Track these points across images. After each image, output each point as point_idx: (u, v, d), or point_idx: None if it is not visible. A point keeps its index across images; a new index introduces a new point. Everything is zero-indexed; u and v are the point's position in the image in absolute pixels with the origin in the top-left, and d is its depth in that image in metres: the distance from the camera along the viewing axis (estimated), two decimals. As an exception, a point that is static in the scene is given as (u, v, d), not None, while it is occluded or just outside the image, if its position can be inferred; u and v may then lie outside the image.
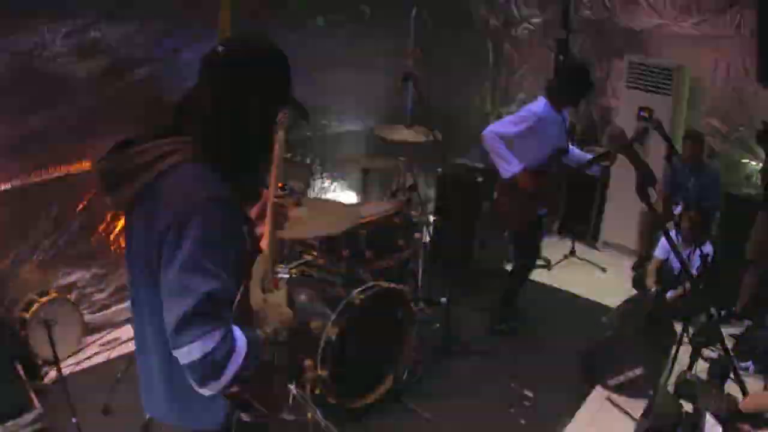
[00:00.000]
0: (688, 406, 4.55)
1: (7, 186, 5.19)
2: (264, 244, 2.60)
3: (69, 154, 5.41)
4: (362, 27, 7.55)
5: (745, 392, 3.98)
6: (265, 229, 2.62)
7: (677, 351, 4.92)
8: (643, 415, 4.74)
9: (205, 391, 2.14)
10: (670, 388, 4.94)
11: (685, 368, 4.94)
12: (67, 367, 5.26)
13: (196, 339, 2.05)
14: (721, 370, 5.00)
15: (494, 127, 5.85)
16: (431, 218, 7.38)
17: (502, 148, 5.77)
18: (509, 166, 5.76)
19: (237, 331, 2.18)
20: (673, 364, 4.95)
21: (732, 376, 4.58)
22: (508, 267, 7.35)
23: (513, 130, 5.78)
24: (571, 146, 6.18)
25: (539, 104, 5.83)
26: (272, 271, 2.57)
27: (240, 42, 2.46)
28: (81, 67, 5.37)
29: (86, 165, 5.43)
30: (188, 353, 2.06)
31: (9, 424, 4.36)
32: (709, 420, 3.95)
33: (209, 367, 2.08)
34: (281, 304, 2.55)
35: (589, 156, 6.10)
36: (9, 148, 5.14)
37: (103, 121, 5.38)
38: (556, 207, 6.52)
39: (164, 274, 2.14)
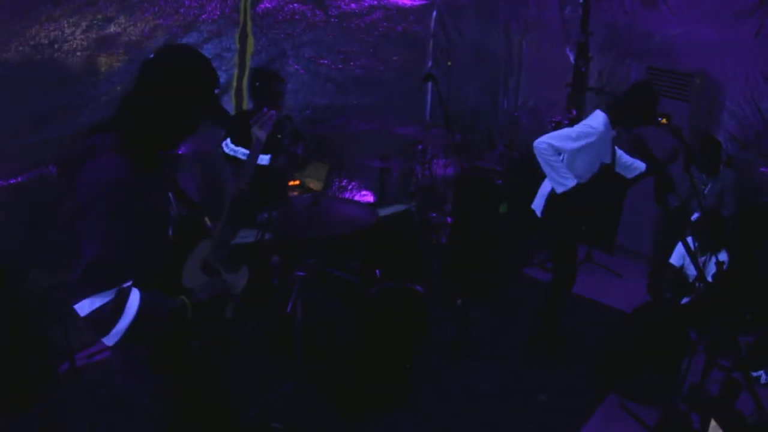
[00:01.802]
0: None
1: (25, 178, 5.22)
2: (215, 231, 3.02)
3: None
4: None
5: (759, 405, 3.95)
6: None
7: (691, 360, 4.89)
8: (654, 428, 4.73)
9: (106, 341, 2.48)
10: (681, 399, 4.92)
11: (699, 378, 4.92)
12: (81, 358, 5.29)
13: (86, 297, 2.40)
14: (734, 386, 4.97)
15: (549, 140, 5.45)
16: (449, 219, 7.38)
17: (557, 161, 5.43)
18: (564, 181, 5.43)
19: (134, 295, 2.50)
20: (686, 373, 4.92)
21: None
22: (527, 270, 7.39)
23: (571, 145, 5.42)
24: (621, 153, 5.87)
25: (599, 120, 5.48)
26: (224, 254, 3.03)
27: (166, 50, 2.77)
28: (100, 61, 5.41)
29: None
30: (81, 308, 2.41)
31: (22, 413, 4.41)
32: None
33: (97, 322, 2.43)
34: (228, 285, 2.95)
35: (643, 166, 5.81)
36: (27, 141, 5.17)
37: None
38: (601, 220, 6.18)
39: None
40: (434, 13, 8.38)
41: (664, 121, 7.00)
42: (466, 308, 6.05)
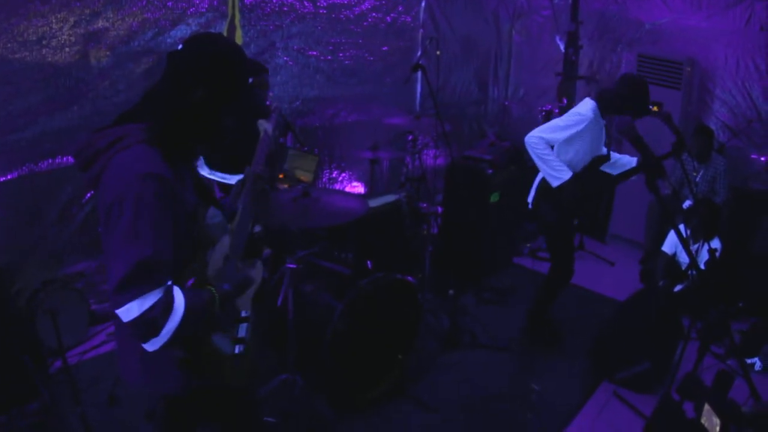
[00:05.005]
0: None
1: (14, 175, 5.20)
2: (234, 222, 2.87)
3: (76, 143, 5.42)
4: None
5: (754, 392, 3.94)
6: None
7: (684, 347, 4.89)
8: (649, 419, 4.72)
9: (149, 347, 2.39)
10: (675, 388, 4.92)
11: (692, 366, 4.91)
12: (73, 356, 5.28)
13: (133, 299, 2.29)
14: (727, 375, 4.96)
15: (540, 133, 5.34)
16: (439, 209, 7.37)
17: (550, 155, 5.33)
18: (559, 174, 5.31)
19: (177, 292, 2.42)
20: (679, 361, 4.92)
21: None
22: (518, 260, 7.40)
23: (562, 135, 5.33)
24: (612, 153, 5.73)
25: (588, 107, 5.40)
26: (241, 247, 2.91)
27: (196, 40, 2.63)
28: (89, 56, 5.39)
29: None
30: (127, 312, 2.30)
31: (13, 413, 4.39)
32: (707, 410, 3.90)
33: (148, 324, 2.32)
34: (247, 279, 2.88)
35: (634, 162, 5.69)
36: (16, 138, 5.15)
37: (110, 111, 5.38)
38: (592, 212, 5.98)
39: (106, 242, 2.37)
40: (423, 3, 8.36)
41: (655, 108, 6.99)
42: (458, 298, 6.04)
